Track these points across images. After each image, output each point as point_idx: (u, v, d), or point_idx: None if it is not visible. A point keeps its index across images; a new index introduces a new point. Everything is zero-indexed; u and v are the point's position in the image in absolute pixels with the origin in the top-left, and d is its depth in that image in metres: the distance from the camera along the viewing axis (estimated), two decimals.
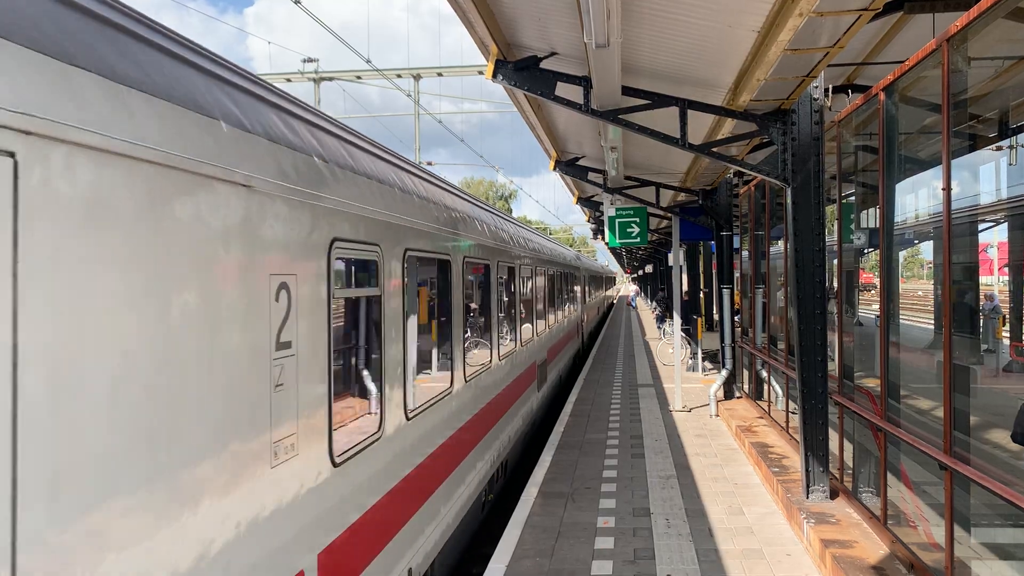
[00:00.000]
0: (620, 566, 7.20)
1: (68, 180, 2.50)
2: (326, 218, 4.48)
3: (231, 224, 3.44)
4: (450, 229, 7.72)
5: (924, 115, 7.19)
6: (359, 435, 5.16)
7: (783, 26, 5.69)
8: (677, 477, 10.27)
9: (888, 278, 7.03)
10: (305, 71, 30.17)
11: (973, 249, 7.16)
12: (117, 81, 2.85)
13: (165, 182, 3.00)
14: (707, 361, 20.50)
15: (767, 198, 12.15)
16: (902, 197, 7.34)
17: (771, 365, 12.38)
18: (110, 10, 3.19)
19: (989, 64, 6.23)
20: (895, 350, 7.06)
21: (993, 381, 7.59)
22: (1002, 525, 5.65)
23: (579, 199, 21.69)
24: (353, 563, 4.88)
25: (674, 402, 15.45)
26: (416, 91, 30.97)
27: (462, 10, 6.63)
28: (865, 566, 6.54)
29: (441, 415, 7.25)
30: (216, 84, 3.74)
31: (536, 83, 8.09)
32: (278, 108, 4.41)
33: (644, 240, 16.63)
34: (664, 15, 6.39)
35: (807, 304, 8.40)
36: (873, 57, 8.51)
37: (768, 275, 12.85)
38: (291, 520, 3.98)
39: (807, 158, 8.33)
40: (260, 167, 3.76)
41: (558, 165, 14.49)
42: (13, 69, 2.36)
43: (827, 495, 8.30)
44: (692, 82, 8.16)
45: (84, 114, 2.60)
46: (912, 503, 6.87)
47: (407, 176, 6.76)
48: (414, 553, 6.18)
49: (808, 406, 8.43)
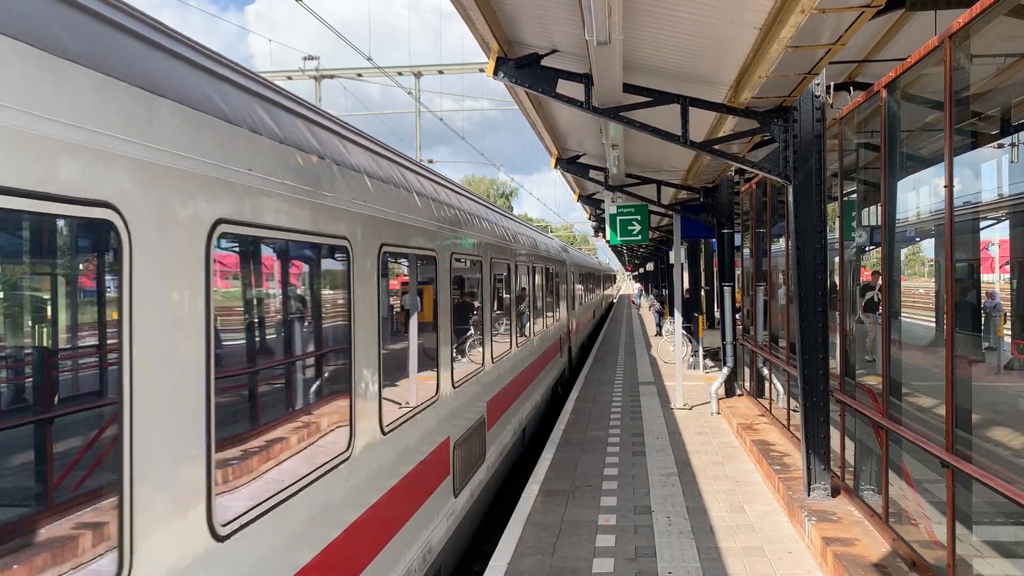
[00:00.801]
0: (621, 564, 7.20)
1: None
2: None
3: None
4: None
5: (926, 112, 7.18)
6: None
7: (785, 23, 5.68)
8: (678, 475, 10.27)
9: (890, 275, 7.02)
10: (306, 69, 30.16)
11: (975, 247, 7.16)
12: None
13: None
14: (708, 359, 20.50)
15: (768, 196, 12.14)
16: (904, 195, 7.33)
17: (772, 363, 12.38)
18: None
19: (991, 61, 6.21)
20: (896, 348, 7.05)
21: (995, 379, 7.58)
22: (1004, 523, 5.65)
23: (580, 197, 21.67)
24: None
25: (675, 400, 15.45)
26: (417, 89, 30.95)
27: (463, 7, 6.62)
28: (867, 564, 6.54)
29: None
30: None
31: (537, 81, 8.07)
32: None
33: (645, 238, 16.63)
34: (665, 12, 6.37)
35: (808, 302, 8.39)
36: (875, 54, 8.49)
37: (769, 273, 12.84)
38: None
39: (809, 155, 8.32)
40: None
41: (559, 163, 14.47)
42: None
43: (828, 493, 8.29)
44: (693, 79, 8.15)
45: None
46: (914, 501, 6.87)
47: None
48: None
49: (809, 403, 8.42)
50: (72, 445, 3.32)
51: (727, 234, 15.95)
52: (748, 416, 13.15)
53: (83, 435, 3.27)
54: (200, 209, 3.33)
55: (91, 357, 3.26)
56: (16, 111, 2.39)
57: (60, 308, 3.07)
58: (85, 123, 2.68)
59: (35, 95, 2.48)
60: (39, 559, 2.81)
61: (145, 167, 2.98)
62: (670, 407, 15.34)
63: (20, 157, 2.39)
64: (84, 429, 3.25)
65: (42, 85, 2.52)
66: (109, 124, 2.81)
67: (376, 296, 5.55)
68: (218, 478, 3.49)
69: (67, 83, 2.64)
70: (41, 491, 2.91)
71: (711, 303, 23.23)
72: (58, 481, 3.00)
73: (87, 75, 2.74)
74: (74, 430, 3.29)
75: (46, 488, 2.90)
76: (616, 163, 12.41)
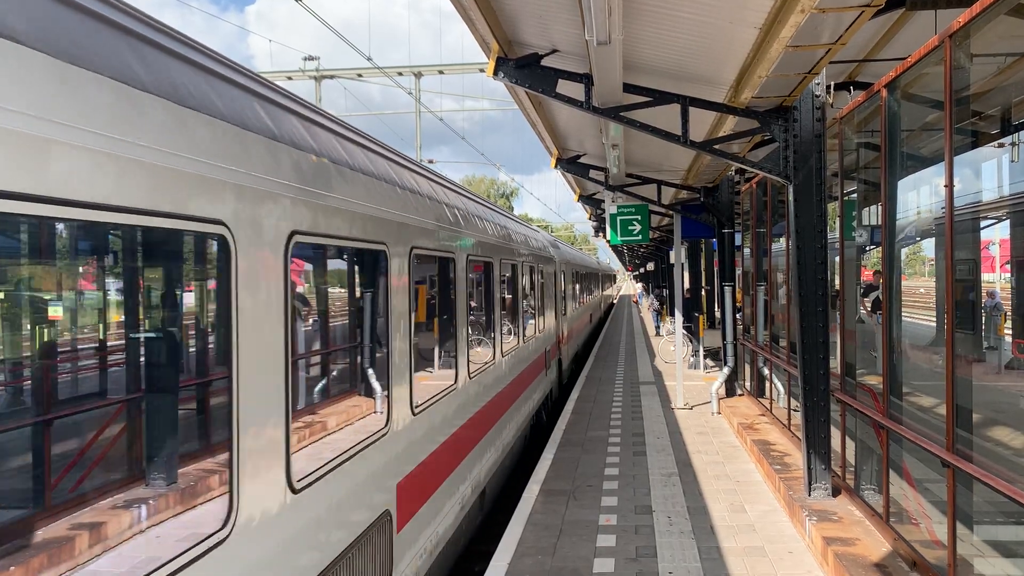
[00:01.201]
0: (622, 564, 7.20)
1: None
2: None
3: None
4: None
5: (926, 112, 7.18)
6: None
7: (785, 23, 5.68)
8: (679, 475, 10.27)
9: (890, 275, 7.02)
10: (306, 69, 30.17)
11: (975, 246, 7.16)
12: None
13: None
14: (708, 359, 20.49)
15: (769, 195, 12.14)
16: (904, 194, 7.33)
17: (773, 362, 12.37)
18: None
19: (991, 61, 6.21)
20: (897, 347, 7.05)
21: (996, 378, 7.58)
22: (1004, 522, 5.65)
23: (580, 197, 21.66)
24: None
25: (676, 400, 15.45)
26: (417, 89, 30.95)
27: (463, 7, 6.62)
28: (867, 564, 6.54)
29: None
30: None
31: (537, 81, 8.07)
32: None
33: (646, 238, 16.62)
34: (665, 12, 6.37)
35: (809, 301, 8.39)
36: (875, 54, 8.49)
37: (770, 272, 12.84)
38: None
39: (809, 155, 8.32)
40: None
41: (559, 163, 14.47)
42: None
43: (829, 493, 8.29)
44: (694, 79, 8.15)
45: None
46: (914, 500, 6.87)
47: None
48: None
49: (810, 403, 8.42)
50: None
51: (727, 234, 15.94)
52: (749, 416, 13.14)
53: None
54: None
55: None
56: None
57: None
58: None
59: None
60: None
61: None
62: (671, 407, 15.34)
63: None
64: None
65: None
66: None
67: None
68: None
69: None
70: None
71: (711, 303, 23.22)
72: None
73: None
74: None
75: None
76: (616, 163, 12.41)
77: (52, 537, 3.83)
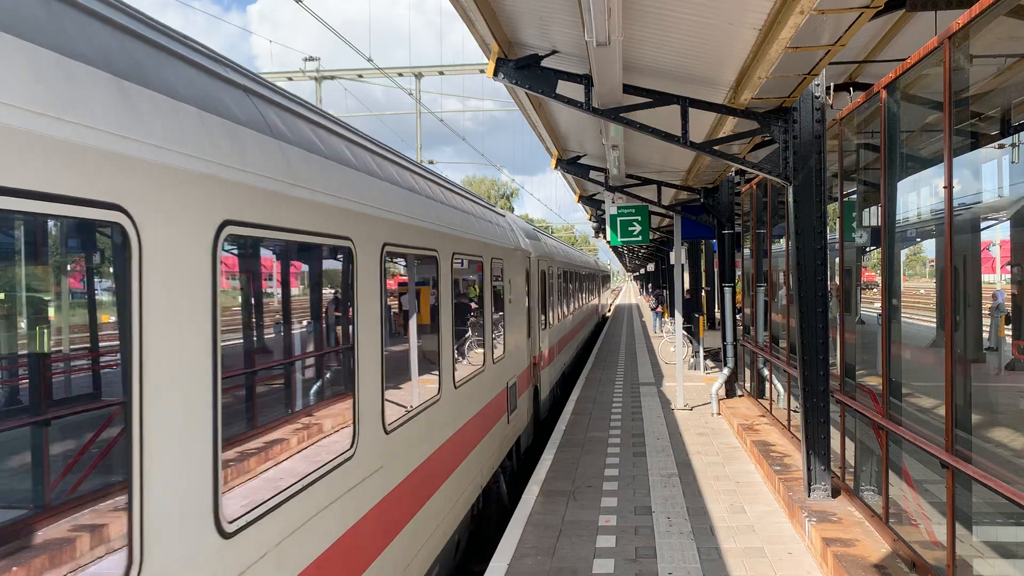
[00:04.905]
0: (622, 564, 7.20)
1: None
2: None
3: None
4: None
5: (926, 113, 7.18)
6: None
7: (784, 24, 5.68)
8: (679, 475, 10.27)
9: (890, 276, 7.02)
10: (307, 70, 30.18)
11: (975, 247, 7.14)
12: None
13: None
14: (709, 359, 20.50)
15: (769, 196, 12.14)
16: (904, 195, 7.33)
17: (773, 363, 12.37)
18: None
19: (991, 62, 6.21)
20: (896, 348, 7.05)
21: (996, 379, 7.58)
22: (1004, 523, 5.65)
23: (581, 197, 21.67)
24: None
25: (676, 400, 15.45)
26: (418, 89, 30.96)
27: (463, 8, 6.63)
28: (867, 564, 6.54)
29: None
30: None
31: (537, 81, 8.08)
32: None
33: (646, 239, 16.64)
34: (665, 13, 6.38)
35: (809, 302, 8.39)
36: (875, 55, 8.49)
37: (770, 273, 12.84)
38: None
39: (809, 156, 8.32)
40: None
41: (559, 163, 14.48)
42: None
43: (829, 493, 8.29)
44: (693, 80, 8.15)
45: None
46: (914, 501, 6.87)
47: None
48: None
49: (810, 404, 8.42)
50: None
51: (727, 235, 15.95)
52: (749, 417, 13.14)
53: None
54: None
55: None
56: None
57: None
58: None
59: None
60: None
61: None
62: (671, 408, 15.34)
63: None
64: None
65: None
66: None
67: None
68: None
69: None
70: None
71: (712, 304, 23.22)
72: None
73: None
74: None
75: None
76: (616, 164, 12.41)
77: (52, 538, 3.30)
